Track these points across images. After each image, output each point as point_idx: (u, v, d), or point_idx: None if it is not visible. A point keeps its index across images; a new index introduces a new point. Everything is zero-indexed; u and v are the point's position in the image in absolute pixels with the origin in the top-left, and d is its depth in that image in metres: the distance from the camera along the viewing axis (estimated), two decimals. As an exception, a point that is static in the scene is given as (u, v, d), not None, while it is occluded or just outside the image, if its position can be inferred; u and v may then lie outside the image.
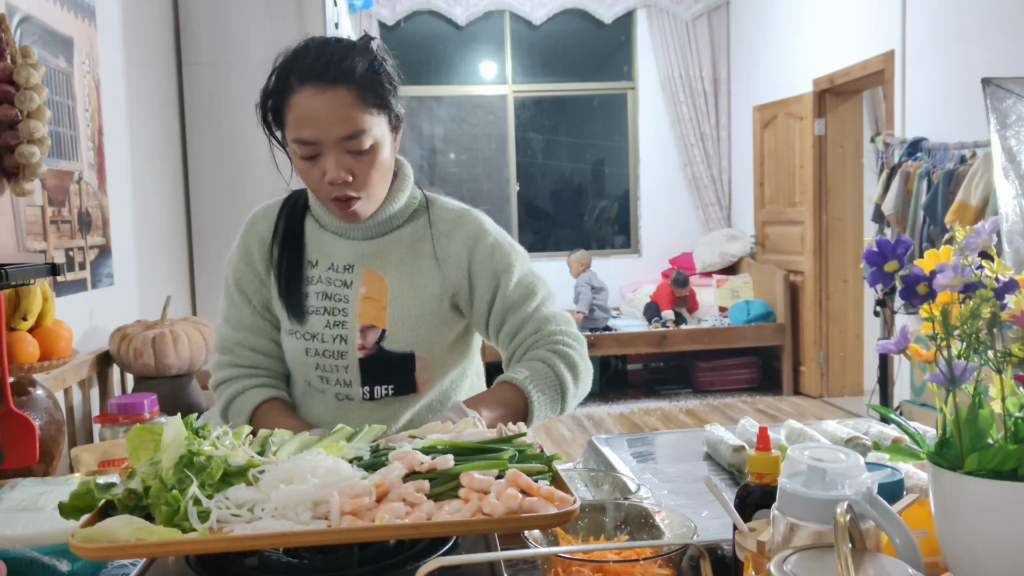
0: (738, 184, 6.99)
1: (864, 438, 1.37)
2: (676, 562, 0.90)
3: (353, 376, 1.39)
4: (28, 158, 1.91)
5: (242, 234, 1.46)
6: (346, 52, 1.28)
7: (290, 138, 1.29)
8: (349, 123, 1.27)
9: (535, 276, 1.45)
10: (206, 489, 0.88)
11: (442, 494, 0.90)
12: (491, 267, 1.41)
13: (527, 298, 1.41)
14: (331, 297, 1.39)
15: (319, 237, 1.43)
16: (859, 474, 0.76)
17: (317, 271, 1.41)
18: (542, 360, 1.36)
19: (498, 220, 1.53)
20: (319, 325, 1.39)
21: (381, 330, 1.38)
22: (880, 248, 0.81)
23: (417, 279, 1.41)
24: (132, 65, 2.96)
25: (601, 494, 1.17)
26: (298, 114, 1.27)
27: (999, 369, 0.76)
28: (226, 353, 1.45)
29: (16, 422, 1.65)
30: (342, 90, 1.26)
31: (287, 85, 1.28)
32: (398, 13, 6.64)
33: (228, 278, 1.46)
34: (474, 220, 1.46)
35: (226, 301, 1.47)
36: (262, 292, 1.44)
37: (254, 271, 1.44)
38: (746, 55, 6.76)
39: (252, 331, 1.45)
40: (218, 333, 1.48)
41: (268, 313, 1.45)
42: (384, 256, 1.41)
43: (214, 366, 1.47)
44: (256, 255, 1.43)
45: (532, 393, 1.32)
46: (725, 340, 6.21)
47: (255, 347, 1.45)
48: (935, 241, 4.09)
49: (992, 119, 3.56)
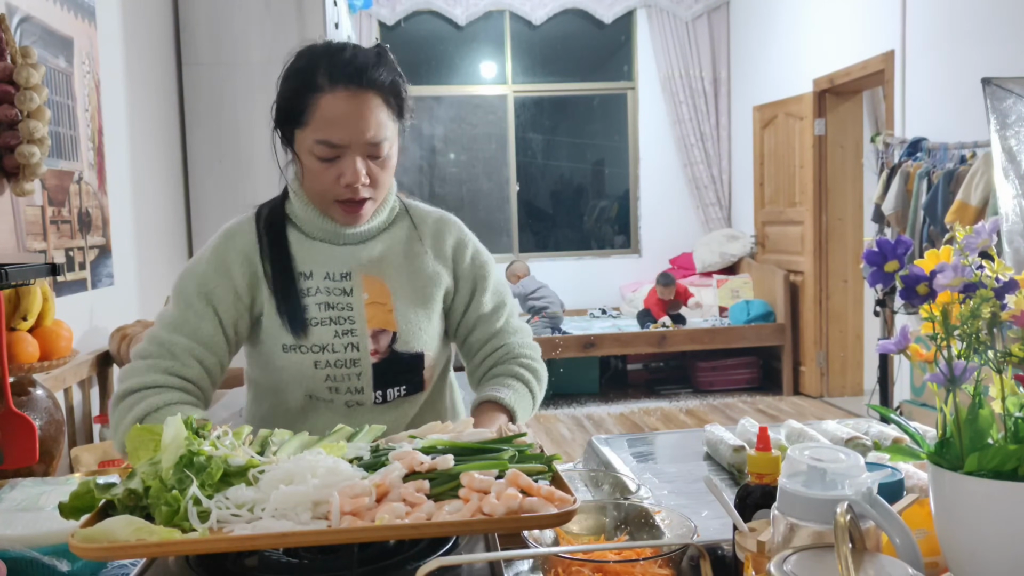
0: (738, 184, 7.00)
1: (864, 438, 1.37)
2: (676, 562, 0.90)
3: (366, 382, 1.38)
4: (28, 158, 1.92)
5: (215, 247, 1.38)
6: (377, 59, 1.31)
7: (313, 138, 1.29)
8: (377, 129, 1.30)
9: (504, 285, 1.53)
10: (206, 489, 0.88)
11: (442, 494, 0.90)
12: (472, 272, 1.48)
13: (499, 309, 1.50)
14: (334, 307, 1.37)
15: (308, 247, 1.39)
16: (859, 474, 0.76)
17: (313, 282, 1.38)
18: (515, 376, 1.44)
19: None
20: (327, 336, 1.36)
21: (392, 333, 1.39)
22: (880, 248, 0.81)
23: (416, 280, 1.43)
24: (132, 65, 2.96)
25: (601, 494, 1.17)
26: (328, 115, 1.27)
27: (999, 369, 0.76)
28: (168, 358, 1.30)
29: (16, 422, 1.65)
30: (373, 96, 1.29)
31: (315, 84, 1.28)
32: (398, 13, 6.64)
33: (187, 288, 1.35)
34: (456, 223, 1.51)
35: (179, 309, 1.34)
36: (236, 307, 1.36)
37: (230, 284, 1.35)
38: (746, 55, 6.76)
39: (207, 346, 1.33)
40: (156, 338, 1.32)
41: (233, 332, 1.36)
42: (380, 260, 1.41)
43: (143, 368, 1.29)
44: (236, 269, 1.36)
45: (516, 411, 1.39)
46: (725, 340, 6.21)
47: (203, 362, 1.32)
48: (935, 241, 4.09)
49: (992, 119, 3.56)
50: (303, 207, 1.39)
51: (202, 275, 1.36)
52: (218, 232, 1.42)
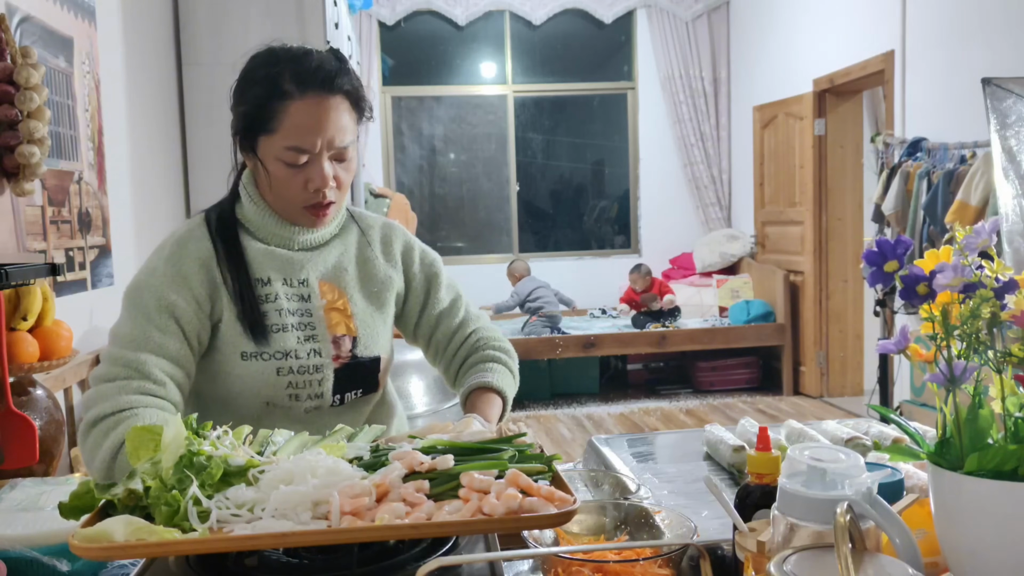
0: (738, 184, 6.99)
1: (864, 438, 1.37)
2: (676, 562, 0.90)
3: (327, 387, 1.38)
4: (28, 158, 1.91)
5: (168, 257, 1.33)
6: (340, 63, 1.32)
7: (283, 145, 1.27)
8: (345, 133, 1.31)
9: (453, 279, 1.58)
10: (206, 489, 0.88)
11: (442, 494, 0.90)
12: (423, 272, 1.52)
13: (456, 302, 1.55)
14: (295, 313, 1.36)
15: (263, 253, 1.37)
16: (859, 474, 0.76)
17: (272, 288, 1.36)
18: (493, 360, 1.50)
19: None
20: (291, 342, 1.34)
21: (353, 338, 1.40)
22: (880, 248, 0.81)
23: (370, 284, 1.45)
24: (132, 65, 2.96)
25: (601, 494, 1.17)
26: (298, 121, 1.27)
27: (999, 369, 0.76)
28: (137, 378, 1.23)
29: (16, 422, 1.66)
30: (340, 100, 1.30)
31: (282, 91, 1.27)
32: (398, 13, 6.64)
33: (144, 302, 1.29)
34: (400, 228, 1.55)
35: (138, 325, 1.27)
36: (198, 317, 1.31)
37: (190, 295, 1.30)
38: (746, 55, 6.76)
39: (175, 361, 1.28)
40: (120, 358, 1.25)
41: (197, 343, 1.32)
42: (335, 266, 1.42)
43: (112, 390, 1.22)
44: (194, 278, 1.31)
45: (506, 392, 1.46)
46: (725, 340, 6.21)
47: (174, 377, 1.28)
48: (935, 241, 4.09)
49: (992, 119, 3.56)
50: (257, 212, 1.37)
51: (159, 287, 1.30)
52: (167, 240, 1.37)
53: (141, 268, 1.35)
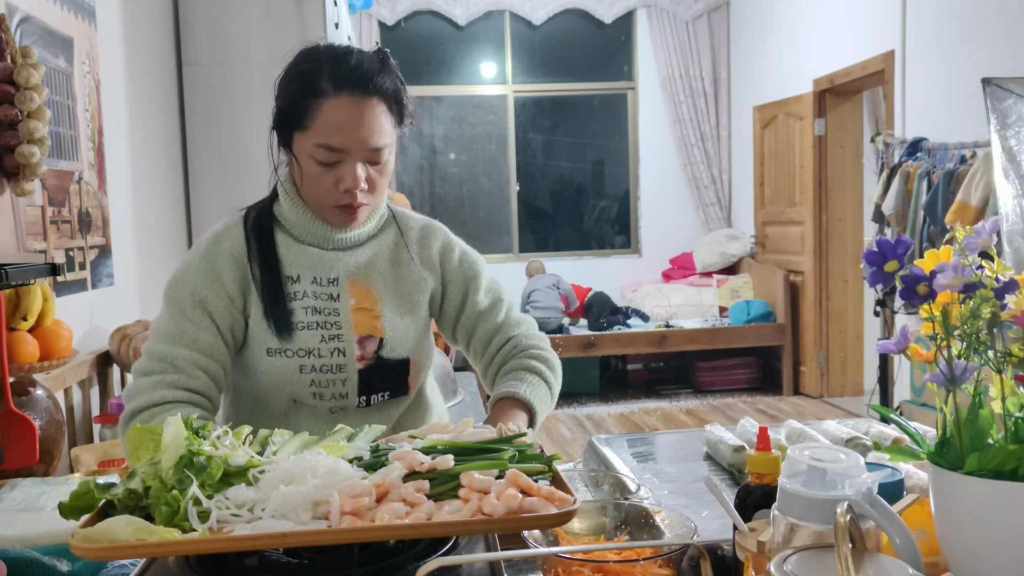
0: (738, 184, 6.99)
1: (864, 438, 1.37)
2: (676, 562, 0.90)
3: (351, 388, 1.38)
4: (28, 158, 1.91)
5: (204, 253, 1.36)
6: (380, 65, 1.31)
7: (314, 142, 1.28)
8: (380, 135, 1.29)
9: (497, 282, 1.53)
10: (206, 489, 0.88)
11: (442, 494, 0.90)
12: (461, 272, 1.48)
13: (496, 305, 1.49)
14: (321, 311, 1.36)
15: (296, 251, 1.38)
16: (859, 474, 0.76)
17: (300, 286, 1.37)
18: (529, 370, 1.43)
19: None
20: (314, 340, 1.35)
21: (379, 339, 1.39)
22: (880, 248, 0.81)
23: (402, 286, 1.43)
24: (132, 65, 2.96)
25: (601, 494, 1.17)
26: (331, 120, 1.26)
27: (999, 369, 0.76)
28: (172, 372, 1.29)
29: (16, 422, 1.66)
30: (377, 102, 1.29)
31: (318, 88, 1.27)
32: (398, 13, 6.64)
33: (180, 297, 1.34)
34: (441, 229, 1.52)
35: (174, 320, 1.32)
36: (231, 312, 1.34)
37: (222, 290, 1.34)
38: (746, 55, 6.76)
39: (209, 354, 1.32)
40: (156, 352, 1.31)
41: (231, 336, 1.35)
42: (368, 266, 1.41)
43: (149, 385, 1.28)
44: (227, 274, 1.34)
45: (534, 403, 1.38)
46: (725, 340, 6.21)
47: (208, 370, 1.31)
48: (935, 241, 4.09)
49: (992, 119, 3.56)
50: (293, 209, 1.38)
51: (193, 283, 1.34)
52: (204, 237, 1.40)
53: (179, 264, 1.39)
